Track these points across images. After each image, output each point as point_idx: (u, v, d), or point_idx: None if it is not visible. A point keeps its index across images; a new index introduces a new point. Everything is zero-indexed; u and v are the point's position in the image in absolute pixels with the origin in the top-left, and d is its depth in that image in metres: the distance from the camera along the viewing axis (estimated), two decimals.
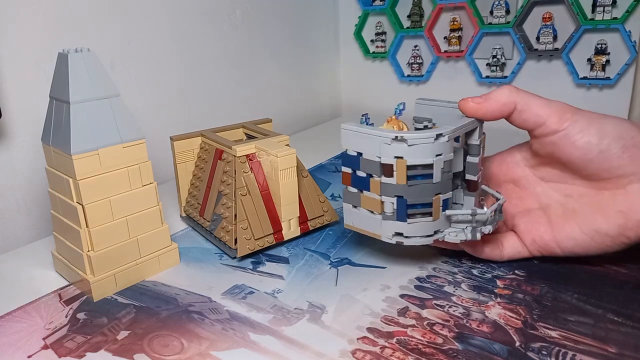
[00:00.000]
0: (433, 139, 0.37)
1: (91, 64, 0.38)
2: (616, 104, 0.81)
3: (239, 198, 0.46)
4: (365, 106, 1.11)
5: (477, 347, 0.33)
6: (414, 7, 0.96)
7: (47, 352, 0.35)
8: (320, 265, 0.45)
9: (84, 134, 0.38)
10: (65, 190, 0.40)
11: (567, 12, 0.81)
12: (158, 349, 0.35)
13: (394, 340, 0.34)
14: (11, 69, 0.55)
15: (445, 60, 0.97)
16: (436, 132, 0.37)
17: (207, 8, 0.77)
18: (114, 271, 0.42)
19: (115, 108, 0.40)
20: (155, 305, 0.40)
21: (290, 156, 0.46)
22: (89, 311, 0.40)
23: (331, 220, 0.52)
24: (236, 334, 0.36)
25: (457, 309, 0.38)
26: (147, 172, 0.43)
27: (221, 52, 0.81)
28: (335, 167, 0.73)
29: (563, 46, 0.81)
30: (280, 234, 0.48)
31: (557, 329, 0.35)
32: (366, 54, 1.06)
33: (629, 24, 0.76)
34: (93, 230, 0.40)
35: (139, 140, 0.42)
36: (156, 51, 0.71)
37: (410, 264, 0.44)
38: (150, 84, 0.71)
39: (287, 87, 0.98)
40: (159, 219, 0.44)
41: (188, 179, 0.54)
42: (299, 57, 1.00)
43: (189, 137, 0.53)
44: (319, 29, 1.04)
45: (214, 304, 0.40)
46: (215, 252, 0.48)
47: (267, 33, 0.90)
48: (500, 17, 0.86)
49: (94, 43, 0.62)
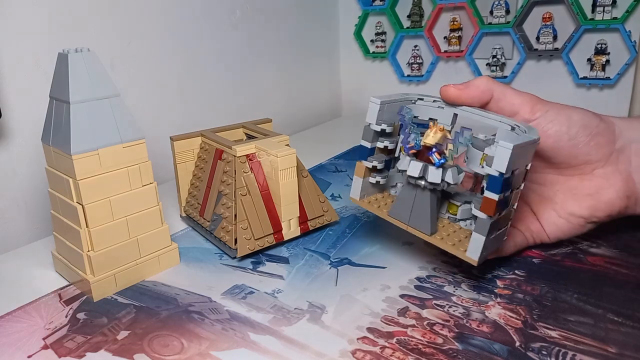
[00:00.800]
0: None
1: (91, 64, 0.38)
2: (616, 104, 0.81)
3: (239, 198, 0.46)
4: (365, 106, 1.11)
5: (477, 347, 0.33)
6: (414, 7, 0.96)
7: (47, 352, 0.35)
8: (320, 265, 0.45)
9: (84, 134, 0.38)
10: (65, 190, 0.40)
11: (567, 12, 0.81)
12: (158, 349, 0.35)
13: (394, 340, 0.34)
14: (11, 69, 0.55)
15: (445, 60, 0.97)
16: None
17: (207, 8, 0.77)
18: (114, 271, 0.42)
19: (115, 108, 0.40)
20: (155, 305, 0.40)
21: (290, 156, 0.46)
22: (89, 311, 0.40)
23: (331, 220, 0.52)
24: (236, 334, 0.36)
25: (457, 309, 0.38)
26: (147, 172, 0.43)
27: (221, 52, 0.81)
28: (335, 167, 0.73)
29: (563, 46, 0.81)
30: (280, 234, 0.48)
31: (557, 329, 0.35)
32: (366, 54, 1.06)
33: (629, 24, 0.76)
34: (93, 230, 0.40)
35: (139, 140, 0.42)
36: (156, 51, 0.71)
37: (410, 264, 0.44)
38: (150, 84, 0.71)
39: (287, 87, 0.98)
40: (159, 219, 0.44)
41: (188, 179, 0.54)
42: (299, 57, 1.00)
43: (189, 137, 0.53)
44: (319, 29, 1.04)
45: (214, 304, 0.40)
46: (215, 252, 0.48)
47: (267, 33, 0.90)
48: (500, 17, 0.86)
49: (94, 43, 0.62)
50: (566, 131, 0.41)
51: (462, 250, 0.37)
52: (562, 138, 0.41)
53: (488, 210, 0.35)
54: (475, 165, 0.39)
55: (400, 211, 0.40)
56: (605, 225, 0.47)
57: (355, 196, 0.43)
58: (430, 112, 0.44)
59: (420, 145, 0.38)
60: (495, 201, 0.34)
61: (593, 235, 0.47)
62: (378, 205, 0.43)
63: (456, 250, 0.37)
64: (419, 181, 0.38)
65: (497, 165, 0.34)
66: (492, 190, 0.34)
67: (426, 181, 0.38)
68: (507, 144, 0.33)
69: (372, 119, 0.41)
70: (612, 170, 0.42)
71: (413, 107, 0.44)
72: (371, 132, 0.42)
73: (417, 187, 0.39)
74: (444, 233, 0.40)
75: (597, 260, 0.43)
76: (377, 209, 0.42)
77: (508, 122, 0.39)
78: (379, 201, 0.44)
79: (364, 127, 0.42)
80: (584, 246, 0.46)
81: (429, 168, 0.37)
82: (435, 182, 0.37)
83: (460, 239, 0.39)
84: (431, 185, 0.38)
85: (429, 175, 0.37)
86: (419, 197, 0.39)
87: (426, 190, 0.38)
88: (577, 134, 0.41)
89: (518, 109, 0.41)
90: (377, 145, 0.42)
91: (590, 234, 0.46)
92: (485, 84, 0.42)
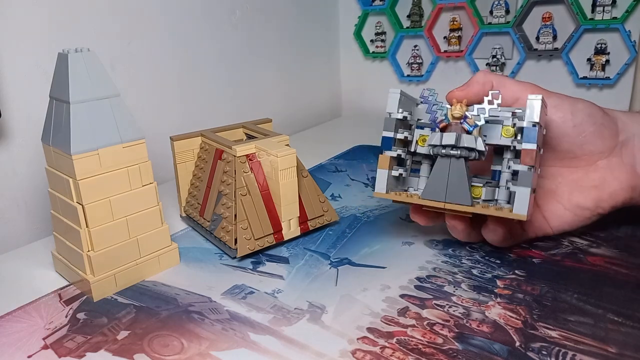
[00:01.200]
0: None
1: (91, 64, 0.38)
2: (616, 103, 0.81)
3: (239, 198, 0.46)
4: (365, 106, 1.11)
5: (477, 347, 0.33)
6: (414, 7, 0.96)
7: (47, 352, 0.35)
8: (320, 265, 0.45)
9: (84, 134, 0.38)
10: (65, 190, 0.40)
11: (567, 12, 0.81)
12: (158, 349, 0.35)
13: (394, 340, 0.34)
14: (11, 69, 0.55)
15: (445, 60, 0.97)
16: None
17: (207, 8, 0.77)
18: (114, 271, 0.42)
19: (115, 108, 0.40)
20: (155, 305, 0.40)
21: (290, 156, 0.46)
22: (89, 311, 0.40)
23: (331, 220, 0.52)
24: (236, 334, 0.36)
25: (457, 309, 0.38)
26: (147, 172, 0.43)
27: (221, 52, 0.81)
28: (335, 167, 0.73)
29: (563, 46, 0.81)
30: (280, 234, 0.48)
31: (557, 329, 0.35)
32: (366, 54, 1.06)
33: (629, 23, 0.76)
34: (93, 230, 0.40)
35: (139, 140, 0.42)
36: (156, 51, 0.71)
37: (410, 264, 0.44)
38: (150, 84, 0.71)
39: (287, 87, 0.98)
40: (159, 219, 0.44)
41: (188, 179, 0.54)
42: (299, 57, 1.00)
43: (189, 137, 0.53)
44: (319, 29, 1.04)
45: (214, 304, 0.40)
46: (215, 252, 0.48)
47: (267, 33, 0.90)
48: (500, 17, 0.86)
49: (94, 43, 0.62)
50: (571, 118, 0.41)
51: (508, 210, 0.38)
52: (567, 124, 0.41)
53: (528, 160, 0.38)
54: (495, 138, 0.41)
55: (434, 190, 0.40)
56: (606, 225, 0.47)
57: (382, 190, 0.43)
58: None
59: (449, 119, 0.40)
60: (535, 150, 0.37)
61: (593, 235, 0.47)
62: (405, 195, 0.42)
63: (502, 212, 0.39)
64: (453, 151, 0.39)
65: (530, 117, 0.38)
66: (529, 141, 0.38)
67: (461, 148, 0.39)
68: (537, 95, 0.38)
69: (394, 109, 0.42)
70: (617, 162, 0.43)
71: (415, 110, 0.45)
72: (393, 121, 0.42)
73: (450, 160, 0.40)
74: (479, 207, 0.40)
75: (597, 260, 0.43)
76: (407, 197, 0.42)
77: (506, 109, 0.41)
78: (402, 195, 0.43)
79: (385, 118, 0.42)
80: (584, 246, 0.45)
81: (462, 135, 0.39)
82: (471, 147, 0.39)
83: (499, 207, 0.40)
84: (466, 151, 0.39)
85: (464, 140, 0.39)
86: (454, 168, 0.40)
87: (460, 160, 0.39)
88: (582, 122, 0.41)
89: (519, 95, 0.42)
90: (397, 137, 0.43)
91: (590, 234, 0.47)
92: (483, 77, 0.43)
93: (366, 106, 1.11)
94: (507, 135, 0.40)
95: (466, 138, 0.39)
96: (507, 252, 0.45)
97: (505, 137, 0.40)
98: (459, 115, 0.39)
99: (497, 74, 0.43)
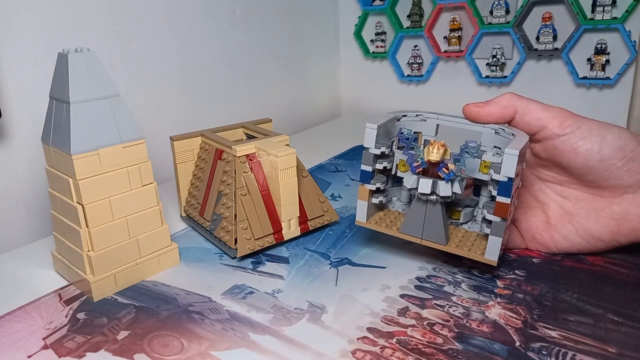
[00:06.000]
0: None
1: (91, 64, 0.38)
2: (616, 103, 0.81)
3: (239, 198, 0.46)
4: (365, 106, 1.11)
5: (477, 347, 0.33)
6: (414, 7, 0.96)
7: (47, 352, 0.35)
8: (320, 265, 0.45)
9: (84, 134, 0.38)
10: (65, 190, 0.40)
11: (567, 12, 0.81)
12: (158, 349, 0.35)
13: (394, 340, 0.34)
14: (11, 69, 0.55)
15: (445, 60, 0.97)
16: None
17: (207, 8, 0.77)
18: (114, 271, 0.42)
19: (115, 108, 0.40)
20: (155, 305, 0.40)
21: (290, 156, 0.46)
22: (89, 311, 0.40)
23: (331, 220, 0.52)
24: (236, 334, 0.36)
25: (457, 309, 0.38)
26: (147, 172, 0.43)
27: (221, 52, 0.81)
28: (335, 167, 0.73)
29: (563, 46, 0.81)
30: (280, 234, 0.48)
31: (557, 329, 0.35)
32: (366, 54, 1.06)
33: (629, 23, 0.76)
34: (93, 230, 0.40)
35: (139, 140, 0.42)
36: (156, 51, 0.71)
37: (410, 264, 0.44)
38: (150, 84, 0.71)
39: (287, 87, 0.98)
40: (159, 219, 0.44)
41: (188, 179, 0.54)
42: (299, 57, 1.00)
43: (189, 137, 0.53)
44: (319, 29, 1.04)
45: (214, 304, 0.40)
46: (215, 252, 0.48)
47: (267, 33, 0.90)
48: (500, 17, 0.86)
49: (94, 43, 0.62)
50: (598, 151, 0.39)
51: (480, 254, 0.39)
52: (592, 157, 0.39)
53: (502, 213, 0.37)
54: (474, 172, 0.41)
55: (412, 227, 0.41)
56: None
57: (362, 219, 0.44)
58: (414, 126, 0.46)
59: (426, 163, 0.39)
60: (508, 204, 0.37)
61: None
62: (385, 224, 0.43)
63: (474, 255, 0.39)
64: (430, 197, 0.39)
65: (505, 172, 0.36)
66: (503, 195, 0.37)
67: (437, 195, 0.39)
68: (514, 150, 0.35)
69: (371, 144, 0.42)
70: None
71: (397, 125, 0.45)
72: (371, 156, 0.42)
73: (428, 202, 0.40)
74: (456, 239, 0.41)
75: (597, 260, 0.43)
76: (386, 228, 0.43)
77: (491, 127, 0.41)
78: (383, 219, 0.44)
79: (363, 152, 0.42)
80: None
81: (438, 183, 0.38)
82: (447, 196, 0.38)
83: (472, 242, 0.41)
84: (442, 198, 0.39)
85: (440, 189, 0.38)
86: (430, 211, 0.40)
87: (437, 204, 0.40)
88: (610, 156, 0.39)
89: (545, 123, 0.40)
90: (376, 168, 0.43)
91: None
92: (507, 100, 0.41)
93: (366, 106, 1.11)
94: (486, 172, 0.40)
95: (442, 187, 0.38)
96: (507, 252, 0.45)
97: (484, 174, 0.40)
98: (436, 161, 0.38)
99: (524, 99, 0.41)
